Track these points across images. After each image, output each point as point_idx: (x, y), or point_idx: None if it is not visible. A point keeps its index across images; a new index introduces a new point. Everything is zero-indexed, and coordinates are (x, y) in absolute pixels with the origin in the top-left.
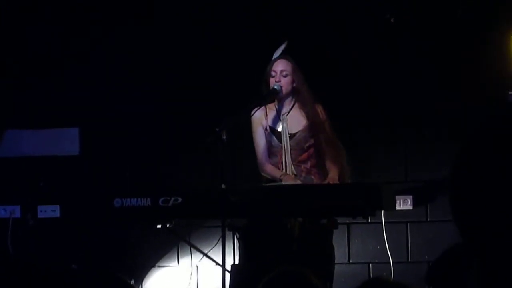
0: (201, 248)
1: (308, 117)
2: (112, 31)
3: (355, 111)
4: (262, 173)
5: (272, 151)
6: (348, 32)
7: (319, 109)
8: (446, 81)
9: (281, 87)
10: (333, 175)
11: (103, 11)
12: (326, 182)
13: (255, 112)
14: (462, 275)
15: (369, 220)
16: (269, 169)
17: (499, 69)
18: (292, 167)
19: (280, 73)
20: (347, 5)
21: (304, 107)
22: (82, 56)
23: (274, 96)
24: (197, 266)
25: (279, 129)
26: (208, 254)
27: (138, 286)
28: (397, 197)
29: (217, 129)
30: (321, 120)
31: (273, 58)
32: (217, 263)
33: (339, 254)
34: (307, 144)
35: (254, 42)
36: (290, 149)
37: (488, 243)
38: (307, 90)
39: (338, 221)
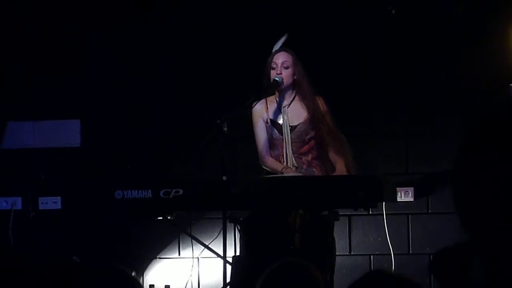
0: (202, 240)
1: (308, 109)
2: (114, 23)
3: (356, 103)
4: (263, 166)
5: (273, 144)
6: (349, 24)
7: (320, 101)
8: (447, 74)
9: (282, 79)
10: (340, 167)
11: (105, 5)
12: (334, 174)
13: (255, 105)
14: (466, 265)
15: (370, 212)
16: (270, 162)
17: (500, 61)
18: (293, 159)
19: (281, 65)
20: None
21: (304, 99)
22: (84, 48)
23: (275, 88)
24: (198, 258)
25: (280, 121)
26: (209, 246)
27: (139, 278)
28: (398, 188)
29: (218, 121)
30: (321, 112)
31: (274, 50)
32: (218, 255)
33: (340, 246)
34: (308, 136)
35: (255, 34)
36: (291, 142)
37: (490, 236)
38: (307, 83)
39: (339, 213)
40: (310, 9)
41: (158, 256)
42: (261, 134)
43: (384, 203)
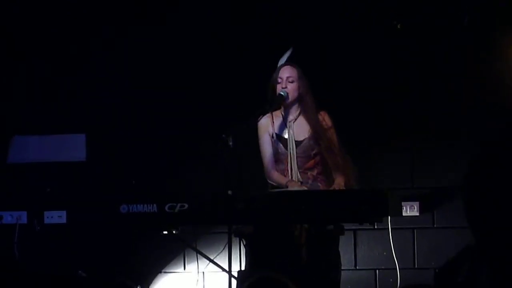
0: (208, 254)
1: (311, 125)
2: (118, 38)
3: (362, 117)
4: (269, 180)
5: (278, 158)
6: (354, 39)
7: (324, 117)
8: (452, 88)
9: (287, 93)
10: (339, 182)
11: (109, 18)
12: (332, 188)
13: (261, 119)
14: (473, 278)
15: (375, 226)
16: (275, 176)
17: (506, 76)
18: (298, 174)
19: (287, 79)
20: (354, 11)
21: (307, 114)
22: (89, 63)
23: (280, 103)
24: (203, 272)
25: (286, 136)
26: (215, 260)
27: None
28: (403, 203)
29: (223, 135)
30: (323, 127)
31: (279, 64)
32: (223, 269)
33: (346, 260)
34: (314, 152)
35: (261, 47)
36: (297, 156)
37: (502, 248)
38: (311, 98)
39: (345, 227)
40: (316, 23)
41: (163, 270)
42: (266, 148)
43: (389, 217)
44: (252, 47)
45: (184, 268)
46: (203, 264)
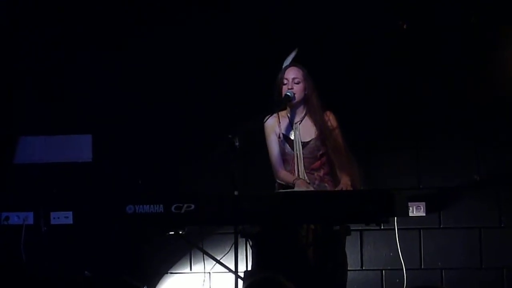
0: (214, 255)
1: (316, 125)
2: (124, 38)
3: (368, 118)
4: (277, 180)
5: (285, 159)
6: (360, 39)
7: (329, 117)
8: (459, 89)
9: (294, 94)
10: (345, 182)
11: (115, 18)
12: (338, 189)
13: (267, 119)
14: None
15: (382, 227)
16: (283, 175)
17: (511, 75)
18: (305, 175)
19: (292, 80)
20: (359, 11)
21: (313, 114)
22: (95, 63)
23: (286, 103)
24: (209, 273)
25: (292, 137)
26: (221, 260)
27: None
28: (410, 203)
29: (230, 136)
30: (329, 128)
31: (284, 66)
32: (229, 270)
33: (352, 260)
34: (320, 152)
35: (266, 49)
36: (303, 157)
37: None
38: (316, 98)
39: (351, 228)
40: (322, 25)
41: (169, 271)
42: (274, 148)
43: (396, 218)
44: (258, 47)
45: (191, 269)
46: (210, 264)
